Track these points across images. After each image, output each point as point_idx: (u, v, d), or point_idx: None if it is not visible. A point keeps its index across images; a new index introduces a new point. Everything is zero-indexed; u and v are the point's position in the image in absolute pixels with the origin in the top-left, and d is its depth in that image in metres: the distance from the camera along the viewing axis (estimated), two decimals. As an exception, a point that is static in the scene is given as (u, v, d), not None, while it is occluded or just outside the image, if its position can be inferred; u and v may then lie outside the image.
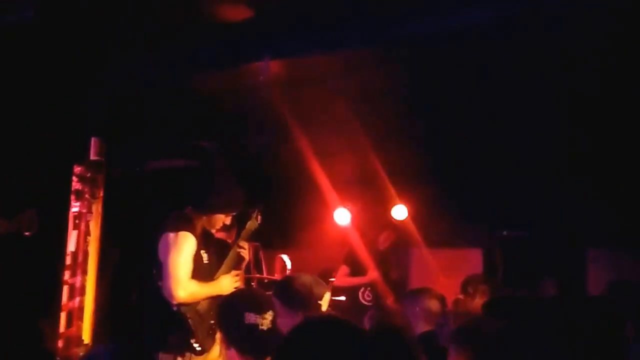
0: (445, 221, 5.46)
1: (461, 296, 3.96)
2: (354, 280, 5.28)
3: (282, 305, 2.80)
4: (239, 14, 3.56)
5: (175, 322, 3.37)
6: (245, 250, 3.74)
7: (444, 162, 5.33)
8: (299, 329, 1.76)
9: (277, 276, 6.50)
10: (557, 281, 4.78)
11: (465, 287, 3.96)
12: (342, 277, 5.33)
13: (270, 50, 3.79)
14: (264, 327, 2.29)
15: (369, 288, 5.27)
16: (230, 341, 2.38)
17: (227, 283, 3.56)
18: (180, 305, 3.37)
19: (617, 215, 4.88)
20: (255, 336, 2.29)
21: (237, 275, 3.65)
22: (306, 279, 2.94)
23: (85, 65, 4.26)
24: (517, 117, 4.50)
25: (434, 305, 3.51)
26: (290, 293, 2.89)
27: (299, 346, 1.69)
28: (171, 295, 3.33)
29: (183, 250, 3.43)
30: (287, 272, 6.52)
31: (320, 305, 2.87)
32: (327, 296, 2.92)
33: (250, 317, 2.29)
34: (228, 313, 2.41)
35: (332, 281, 5.28)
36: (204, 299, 3.47)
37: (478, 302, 3.68)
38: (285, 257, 6.42)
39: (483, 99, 4.44)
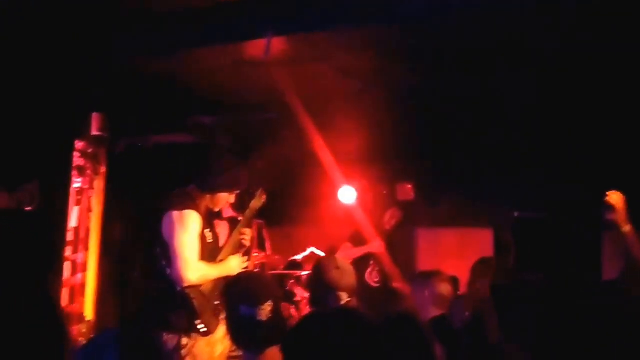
0: (453, 200, 5.37)
1: (474, 279, 3.85)
2: (358, 251, 5.17)
3: None
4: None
5: (180, 303, 3.33)
6: (246, 239, 3.69)
7: (452, 138, 5.23)
8: (306, 320, 1.73)
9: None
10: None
11: (476, 269, 3.85)
12: (345, 250, 5.23)
13: (274, 26, 3.69)
14: (262, 318, 2.22)
15: (376, 269, 5.20)
16: (229, 333, 2.34)
17: (235, 264, 3.51)
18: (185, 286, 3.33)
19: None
20: (250, 329, 2.23)
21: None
22: (333, 264, 2.84)
23: (87, 40, 4.17)
24: (532, 92, 4.39)
25: (445, 289, 3.39)
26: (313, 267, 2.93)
27: (306, 337, 1.65)
28: (181, 278, 3.28)
29: (189, 229, 3.37)
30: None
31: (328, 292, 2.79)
32: (341, 295, 2.79)
33: (246, 310, 2.23)
34: (225, 305, 2.36)
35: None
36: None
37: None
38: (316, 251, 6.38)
39: (496, 73, 4.33)
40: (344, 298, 2.79)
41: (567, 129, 4.79)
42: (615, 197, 3.00)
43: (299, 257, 6.20)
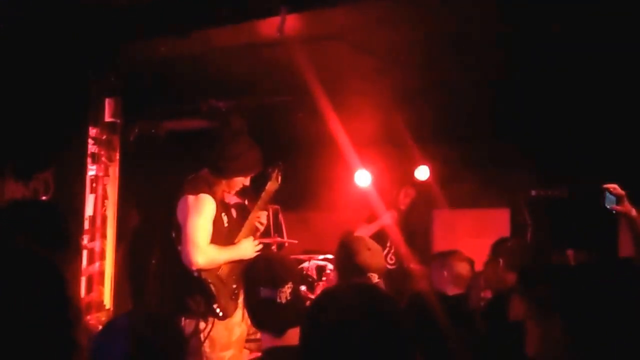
0: (469, 181, 5.29)
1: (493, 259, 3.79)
2: (371, 228, 5.09)
3: None
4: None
5: (197, 287, 3.31)
6: (263, 222, 3.64)
7: (468, 118, 5.14)
8: (320, 298, 1.66)
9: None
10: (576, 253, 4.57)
11: (497, 249, 3.79)
12: (361, 230, 5.18)
13: (288, 3, 3.61)
14: (282, 300, 2.18)
15: (392, 250, 5.16)
16: (249, 316, 2.30)
17: (248, 247, 3.47)
18: (200, 270, 3.31)
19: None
20: (270, 311, 2.19)
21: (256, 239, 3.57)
22: (364, 245, 2.74)
23: (99, 24, 4.12)
24: (548, 69, 4.28)
25: (463, 268, 3.40)
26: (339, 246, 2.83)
27: (322, 316, 1.58)
28: (190, 261, 3.26)
29: (203, 213, 3.35)
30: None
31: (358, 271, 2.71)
32: (372, 276, 2.69)
33: (266, 292, 2.19)
34: (244, 287, 2.33)
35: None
36: (224, 264, 3.40)
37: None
38: None
39: (508, 51, 4.22)
40: (375, 279, 2.73)
41: (583, 108, 4.68)
42: (618, 188, 2.91)
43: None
